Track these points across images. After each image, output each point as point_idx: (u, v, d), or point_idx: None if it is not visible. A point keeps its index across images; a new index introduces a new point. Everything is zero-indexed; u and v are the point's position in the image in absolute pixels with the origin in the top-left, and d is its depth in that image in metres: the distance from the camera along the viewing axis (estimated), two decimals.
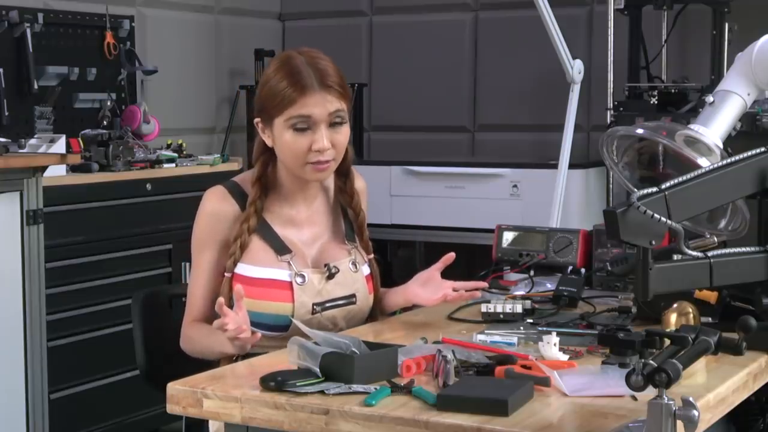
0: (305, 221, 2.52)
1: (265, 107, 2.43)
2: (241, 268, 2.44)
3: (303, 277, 2.44)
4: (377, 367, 1.99)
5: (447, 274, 2.56)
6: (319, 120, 2.39)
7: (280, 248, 2.46)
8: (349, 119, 2.46)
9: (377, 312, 2.59)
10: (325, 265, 2.47)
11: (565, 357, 2.13)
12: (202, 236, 2.48)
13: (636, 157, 2.58)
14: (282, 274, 2.44)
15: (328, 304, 2.46)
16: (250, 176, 2.52)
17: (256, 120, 2.48)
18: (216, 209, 2.47)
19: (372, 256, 2.59)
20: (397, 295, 2.61)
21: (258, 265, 2.44)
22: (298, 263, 2.46)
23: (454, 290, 2.49)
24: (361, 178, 2.64)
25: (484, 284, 2.59)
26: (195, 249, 2.50)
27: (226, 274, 2.44)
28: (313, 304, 2.44)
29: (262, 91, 2.45)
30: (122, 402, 4.25)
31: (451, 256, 2.52)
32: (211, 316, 2.43)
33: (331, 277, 2.47)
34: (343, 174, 2.57)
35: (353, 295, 2.50)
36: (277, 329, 2.42)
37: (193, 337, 2.45)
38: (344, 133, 2.45)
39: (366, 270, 2.55)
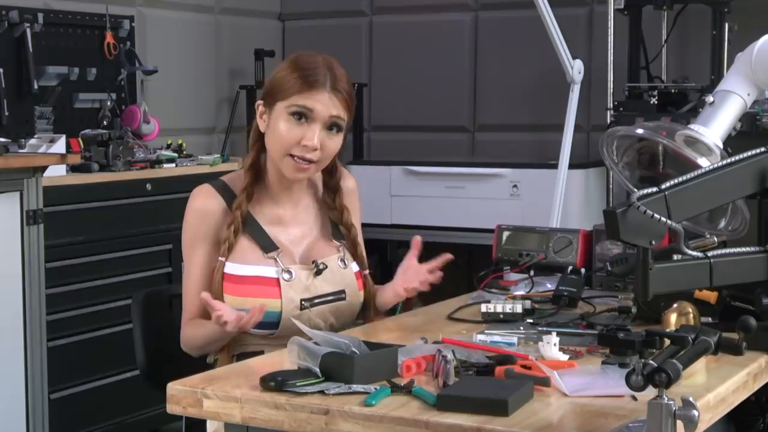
0: (292, 220, 2.54)
1: (272, 90, 2.46)
2: (229, 267, 2.45)
3: (290, 273, 2.45)
4: (377, 367, 1.99)
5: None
6: (318, 117, 2.41)
7: (267, 245, 2.48)
8: (345, 133, 2.48)
9: (370, 312, 2.58)
10: (313, 262, 2.49)
11: (565, 357, 2.13)
12: (192, 235, 2.50)
13: (636, 157, 2.58)
14: (269, 270, 2.45)
15: (316, 300, 2.47)
16: (237, 176, 2.55)
17: (259, 102, 2.50)
18: (203, 207, 2.49)
19: (368, 271, 2.59)
20: (386, 292, 2.61)
21: (245, 263, 2.45)
22: (285, 260, 2.47)
23: (430, 272, 2.49)
24: (352, 178, 2.65)
25: (449, 256, 2.56)
26: (186, 248, 2.51)
27: (220, 258, 2.45)
28: (301, 300, 2.44)
29: (274, 76, 2.48)
30: (122, 402, 4.25)
31: (418, 239, 2.53)
32: (207, 312, 2.44)
33: (318, 273, 2.48)
34: (331, 190, 2.59)
35: (342, 291, 2.51)
36: (267, 326, 2.43)
37: (191, 335, 2.46)
38: (336, 141, 2.47)
39: (355, 267, 2.56)
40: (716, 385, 1.96)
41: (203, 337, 2.42)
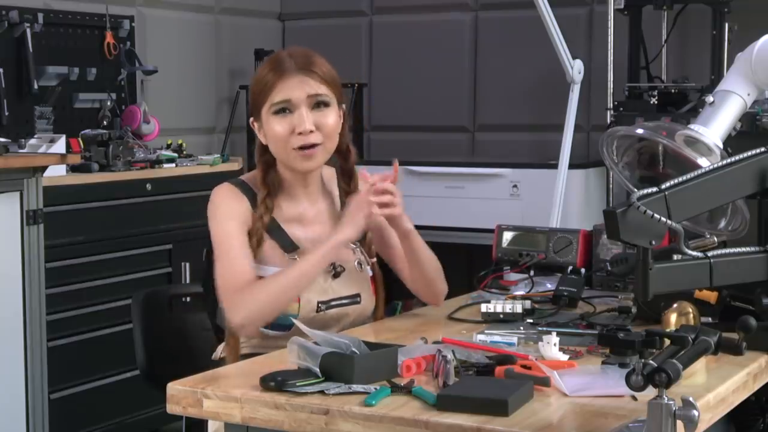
0: (312, 220, 2.53)
1: (254, 102, 2.48)
2: None
3: None
4: (377, 367, 1.99)
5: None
6: (298, 102, 2.42)
7: (288, 246, 2.47)
8: (340, 107, 2.47)
9: (378, 317, 2.58)
10: (332, 264, 2.48)
11: (565, 357, 2.13)
12: (225, 215, 2.43)
13: (636, 157, 2.58)
14: None
15: (333, 303, 2.47)
16: (255, 175, 2.53)
17: (251, 120, 2.51)
18: (229, 202, 2.46)
19: (374, 260, 2.59)
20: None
21: (265, 263, 2.45)
22: None
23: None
24: (366, 185, 2.63)
25: (395, 163, 2.51)
26: (220, 226, 2.43)
27: None
28: (318, 302, 2.44)
29: (251, 88, 2.50)
30: (122, 402, 4.25)
31: (395, 163, 2.49)
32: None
33: (336, 275, 2.48)
34: (347, 175, 2.59)
35: (358, 295, 2.51)
36: (281, 328, 2.43)
37: (257, 288, 2.36)
38: (330, 117, 2.45)
39: (370, 271, 2.56)
40: (716, 385, 1.96)
41: (279, 289, 2.35)
